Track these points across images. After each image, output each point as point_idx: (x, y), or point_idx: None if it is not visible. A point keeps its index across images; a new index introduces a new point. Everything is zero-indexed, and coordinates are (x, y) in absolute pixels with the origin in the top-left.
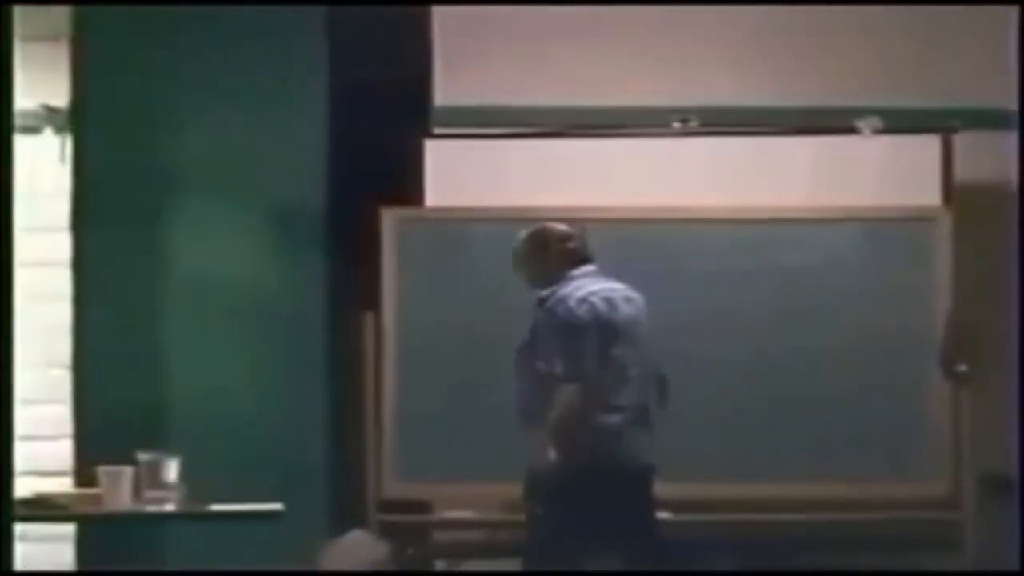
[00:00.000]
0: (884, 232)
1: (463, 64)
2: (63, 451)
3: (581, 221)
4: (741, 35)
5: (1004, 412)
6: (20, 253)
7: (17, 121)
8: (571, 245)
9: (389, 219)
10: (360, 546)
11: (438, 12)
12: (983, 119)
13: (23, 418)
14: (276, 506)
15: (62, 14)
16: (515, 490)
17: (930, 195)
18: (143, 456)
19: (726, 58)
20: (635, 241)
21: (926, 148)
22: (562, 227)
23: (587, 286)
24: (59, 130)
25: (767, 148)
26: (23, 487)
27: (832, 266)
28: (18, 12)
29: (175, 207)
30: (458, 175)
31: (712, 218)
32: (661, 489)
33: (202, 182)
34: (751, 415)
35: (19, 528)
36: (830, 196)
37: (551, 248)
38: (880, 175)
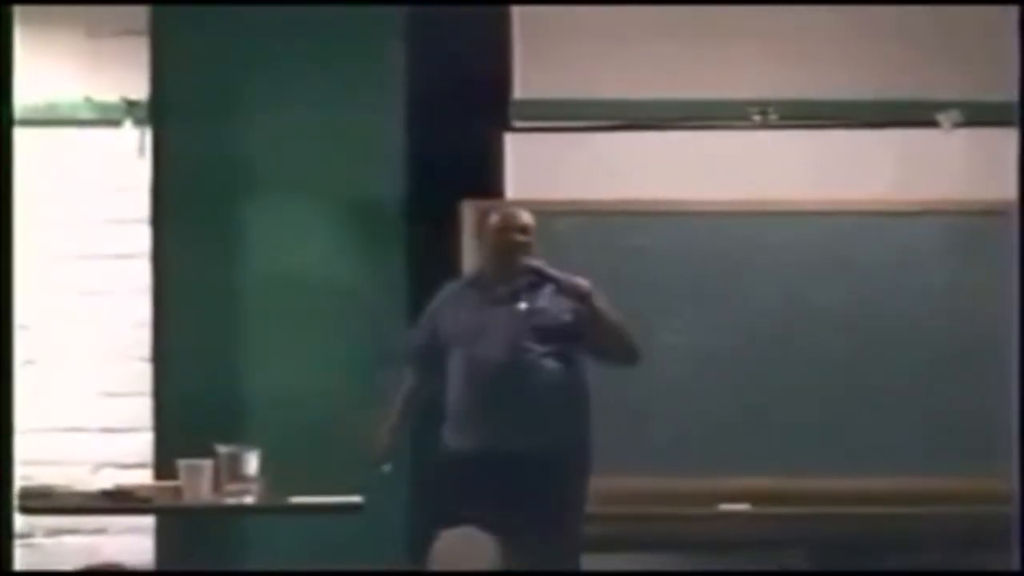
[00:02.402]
0: (963, 226)
1: (543, 58)
2: (144, 444)
3: (659, 214)
4: (819, 29)
5: None
6: (101, 246)
7: (98, 115)
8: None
9: (469, 211)
10: (470, 543)
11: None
12: None
13: (104, 411)
14: (356, 499)
15: (140, 9)
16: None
17: (1010, 189)
18: (223, 449)
19: (804, 52)
20: (712, 234)
21: (1006, 141)
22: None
23: None
24: (139, 123)
25: (846, 141)
26: (104, 479)
27: (910, 260)
28: (94, 9)
29: (254, 201)
30: (538, 168)
31: (791, 211)
32: (738, 482)
33: (281, 176)
34: (825, 408)
35: (99, 520)
36: (909, 190)
37: None
38: (960, 169)
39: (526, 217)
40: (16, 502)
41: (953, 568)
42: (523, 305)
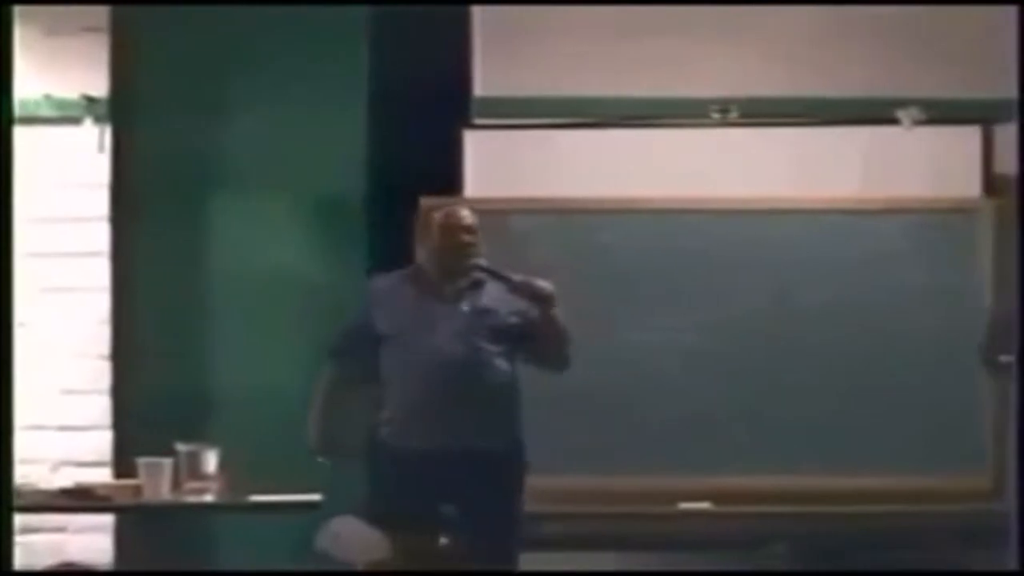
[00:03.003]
0: (925, 223)
1: (503, 56)
2: (103, 442)
3: (620, 212)
4: (780, 26)
5: None
6: (61, 244)
7: (57, 112)
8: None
9: (428, 209)
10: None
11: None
12: None
13: (64, 408)
14: (315, 497)
15: (100, 7)
16: (562, 482)
17: (971, 186)
18: (182, 447)
19: (766, 50)
20: (676, 232)
21: (967, 139)
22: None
23: None
24: (99, 121)
25: (807, 139)
26: (64, 477)
27: (874, 257)
28: (54, 7)
29: (214, 198)
30: (498, 166)
31: (755, 209)
32: (704, 481)
33: (241, 173)
34: (795, 406)
35: (59, 519)
36: (871, 187)
37: None
38: (921, 166)
39: (470, 217)
40: None
41: (937, 567)
42: (472, 304)
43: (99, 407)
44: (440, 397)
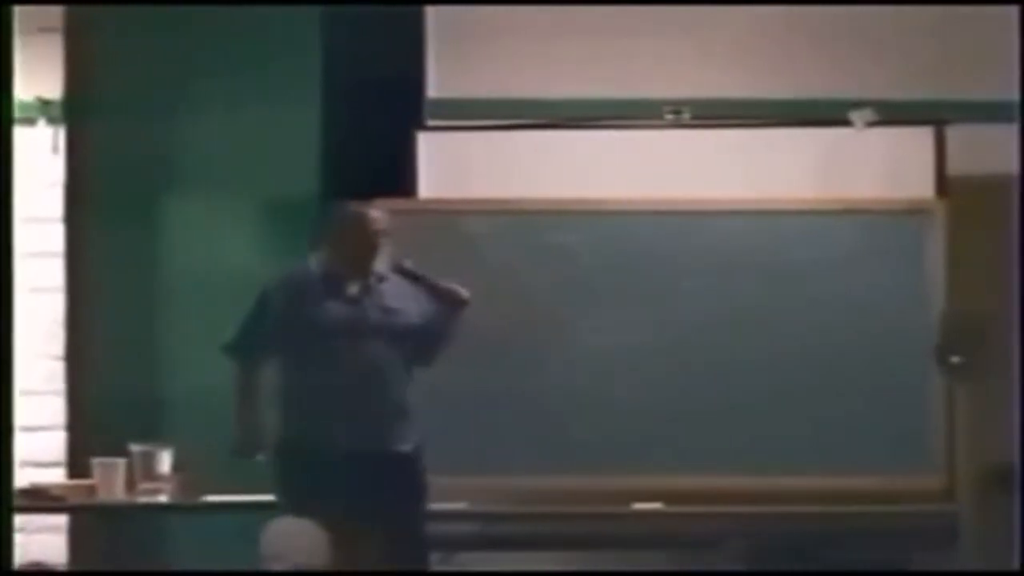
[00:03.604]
0: (878, 224)
1: (457, 57)
2: (58, 442)
3: (573, 213)
4: (733, 27)
5: (999, 404)
6: (16, 245)
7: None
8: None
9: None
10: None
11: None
12: (975, 111)
13: (18, 409)
14: (269, 498)
15: (55, 8)
16: (516, 482)
17: (924, 187)
18: (136, 448)
19: (719, 51)
20: (630, 233)
21: (919, 140)
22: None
23: None
24: (53, 122)
25: (760, 140)
26: (18, 478)
27: (826, 259)
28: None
29: (169, 199)
30: (450, 167)
31: (704, 210)
32: (656, 481)
33: (195, 174)
34: (745, 408)
35: (17, 519)
36: (823, 188)
37: None
38: (875, 168)
39: (382, 218)
40: None
41: (890, 567)
42: (377, 304)
43: (54, 408)
44: (345, 395)
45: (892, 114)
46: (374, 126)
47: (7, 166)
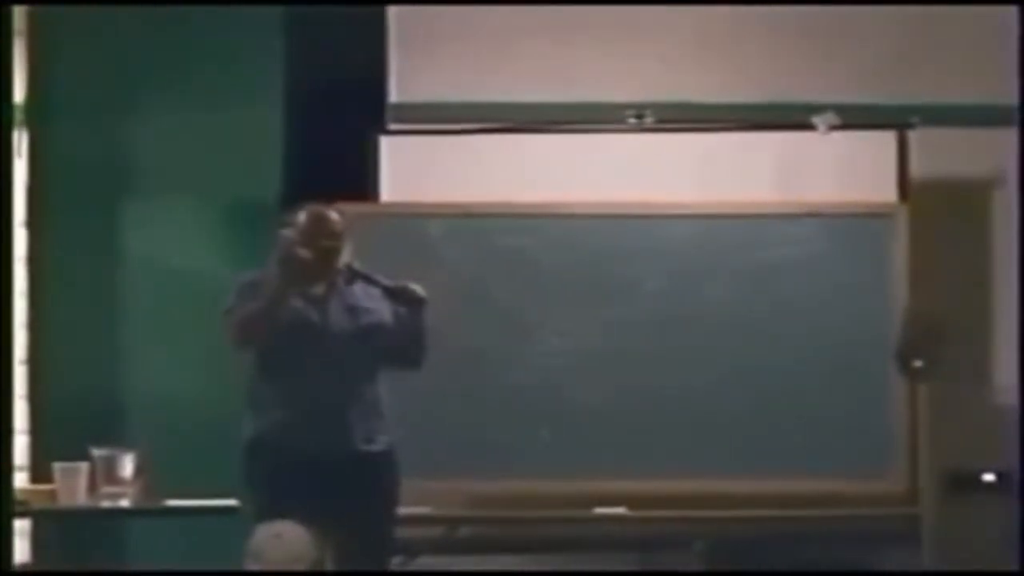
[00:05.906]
0: (841, 228)
1: (419, 60)
2: (19, 446)
3: (537, 216)
4: (697, 30)
5: (961, 408)
6: None
7: None
8: None
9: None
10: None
11: (394, 8)
12: (939, 115)
13: None
14: (231, 502)
15: (19, 11)
16: (478, 487)
17: (886, 191)
18: (98, 452)
19: (682, 54)
20: (593, 236)
21: (882, 144)
22: None
23: None
24: (15, 125)
25: (723, 144)
26: None
27: (789, 262)
28: None
29: (130, 203)
30: (413, 170)
31: (668, 214)
32: (619, 486)
33: (157, 177)
34: (707, 412)
35: None
36: (787, 192)
37: None
38: (837, 171)
39: (338, 219)
40: None
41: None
42: (340, 304)
43: (16, 412)
44: (310, 395)
45: (854, 117)
46: (336, 129)
47: (7, 166)
